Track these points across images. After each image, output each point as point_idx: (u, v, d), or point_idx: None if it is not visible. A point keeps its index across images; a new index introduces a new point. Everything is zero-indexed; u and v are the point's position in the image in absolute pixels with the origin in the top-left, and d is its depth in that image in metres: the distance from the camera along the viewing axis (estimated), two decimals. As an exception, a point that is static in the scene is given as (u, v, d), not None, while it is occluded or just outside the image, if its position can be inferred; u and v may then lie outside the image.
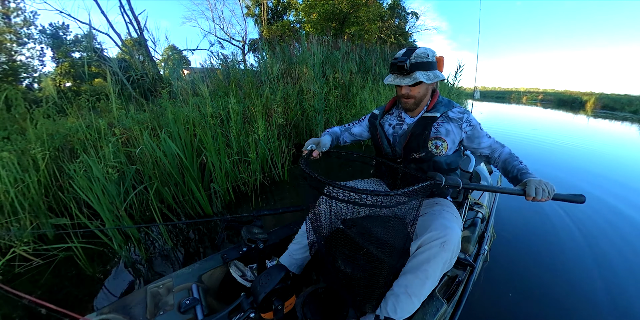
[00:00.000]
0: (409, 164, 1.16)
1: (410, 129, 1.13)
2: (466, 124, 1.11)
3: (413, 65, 1.02)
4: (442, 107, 1.13)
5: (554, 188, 0.89)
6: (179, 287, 1.03)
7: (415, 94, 1.09)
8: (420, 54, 1.03)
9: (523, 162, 1.07)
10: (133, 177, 2.24)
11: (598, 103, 18.60)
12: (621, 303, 1.53)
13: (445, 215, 1.01)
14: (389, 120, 1.24)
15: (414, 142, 1.11)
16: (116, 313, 0.91)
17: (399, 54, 1.06)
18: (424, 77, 1.03)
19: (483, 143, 1.14)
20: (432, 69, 1.06)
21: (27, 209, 1.90)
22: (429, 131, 1.09)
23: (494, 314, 1.44)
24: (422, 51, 1.04)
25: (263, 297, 0.75)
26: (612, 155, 4.98)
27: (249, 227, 1.06)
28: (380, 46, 7.50)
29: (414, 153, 1.12)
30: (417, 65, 1.03)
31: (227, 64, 4.84)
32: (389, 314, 0.89)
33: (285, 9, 12.77)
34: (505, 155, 1.13)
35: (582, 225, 2.36)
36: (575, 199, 0.92)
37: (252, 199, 2.70)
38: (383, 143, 1.21)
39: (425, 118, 1.11)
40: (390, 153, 1.21)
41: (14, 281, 1.63)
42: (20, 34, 12.54)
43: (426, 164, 1.13)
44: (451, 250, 0.91)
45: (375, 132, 1.24)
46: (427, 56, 1.04)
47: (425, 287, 0.91)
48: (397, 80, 1.05)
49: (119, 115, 2.91)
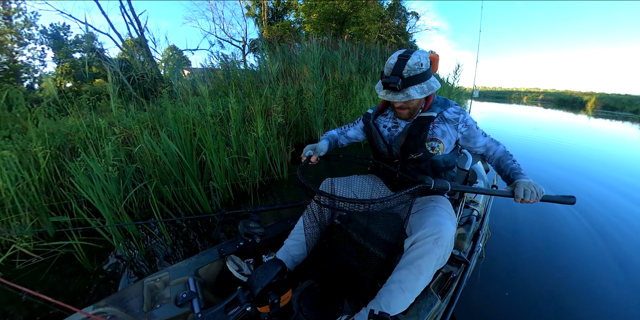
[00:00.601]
0: (406, 164, 1.16)
1: (407, 130, 1.12)
2: (462, 124, 1.10)
3: (406, 81, 0.97)
4: (438, 107, 1.10)
5: (543, 190, 0.91)
6: (175, 280, 1.04)
7: (409, 106, 1.07)
8: (413, 65, 0.96)
9: (517, 161, 1.08)
10: (133, 176, 2.26)
11: (599, 103, 18.59)
12: (615, 296, 1.55)
13: (439, 212, 1.02)
14: (384, 122, 1.22)
15: (411, 143, 1.10)
16: (113, 306, 0.92)
17: (389, 66, 0.99)
18: (418, 92, 0.99)
19: (478, 142, 1.14)
20: (426, 79, 1.01)
21: (28, 206, 1.92)
22: (425, 132, 1.08)
23: (487, 310, 1.45)
24: (415, 61, 0.96)
25: (259, 291, 0.75)
26: (611, 155, 4.99)
27: (246, 221, 1.06)
28: (380, 46, 7.51)
29: (411, 154, 1.12)
30: (411, 80, 0.97)
31: (227, 64, 4.85)
32: (383, 309, 0.90)
33: (285, 9, 12.80)
34: (500, 153, 1.13)
35: (577, 222, 2.38)
36: (565, 200, 0.93)
37: (251, 198, 2.72)
38: (379, 143, 1.20)
39: (421, 118, 1.09)
40: (387, 153, 1.21)
41: (15, 277, 1.64)
42: (21, 35, 12.58)
43: (424, 164, 1.13)
44: (444, 247, 0.92)
45: (370, 132, 1.23)
46: (421, 66, 0.97)
47: (419, 282, 0.92)
48: (390, 96, 1.02)
49: (120, 114, 2.93)
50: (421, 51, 1.01)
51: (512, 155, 1.11)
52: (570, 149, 5.26)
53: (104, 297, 1.50)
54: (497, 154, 1.14)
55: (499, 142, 1.16)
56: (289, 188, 2.98)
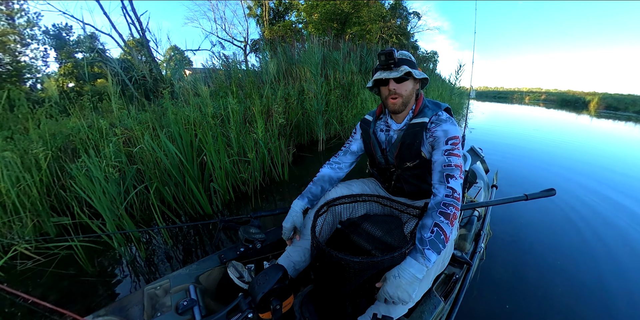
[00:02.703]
0: (404, 172, 1.15)
1: (401, 138, 1.10)
2: (429, 134, 1.04)
3: (399, 61, 1.04)
4: (429, 111, 1.09)
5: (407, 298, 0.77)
6: (176, 288, 1.02)
7: (402, 92, 1.05)
8: (403, 53, 1.07)
9: (435, 231, 0.83)
10: (133, 177, 2.26)
11: (601, 103, 18.49)
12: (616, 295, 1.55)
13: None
14: (380, 126, 1.22)
15: (406, 151, 1.09)
16: (113, 315, 0.90)
17: (381, 58, 1.05)
18: (412, 70, 1.04)
19: (433, 159, 1.00)
20: (415, 68, 1.08)
21: (29, 207, 1.92)
22: (420, 140, 1.07)
23: (491, 311, 1.44)
24: (403, 53, 1.07)
25: (261, 297, 0.74)
26: (610, 154, 4.96)
27: (246, 227, 1.05)
28: (382, 46, 7.50)
29: (407, 162, 1.11)
30: (403, 61, 1.05)
31: (229, 65, 4.85)
32: (383, 313, 0.89)
33: (286, 9, 12.81)
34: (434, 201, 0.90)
35: (579, 221, 2.37)
36: (546, 194, 1.09)
37: (252, 199, 2.71)
38: (376, 153, 1.20)
39: (414, 125, 1.08)
40: (383, 163, 1.20)
41: (16, 279, 1.64)
42: (24, 35, 12.63)
43: (421, 170, 1.12)
44: (443, 251, 0.91)
45: (369, 141, 1.22)
46: (410, 56, 1.08)
47: (419, 287, 0.91)
48: (385, 74, 1.04)
49: (121, 115, 2.93)
50: (407, 52, 1.11)
51: (442, 214, 0.84)
52: (571, 149, 5.23)
53: (103, 299, 1.51)
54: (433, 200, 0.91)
55: (455, 179, 0.91)
56: (290, 189, 2.98)
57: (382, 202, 1.18)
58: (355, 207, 1.22)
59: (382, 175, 1.26)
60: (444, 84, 7.94)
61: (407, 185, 1.19)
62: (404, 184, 1.19)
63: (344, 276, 0.86)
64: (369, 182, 1.33)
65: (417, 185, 1.18)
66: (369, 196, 1.19)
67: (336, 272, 0.87)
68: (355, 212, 1.22)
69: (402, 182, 1.19)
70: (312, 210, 1.19)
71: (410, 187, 1.19)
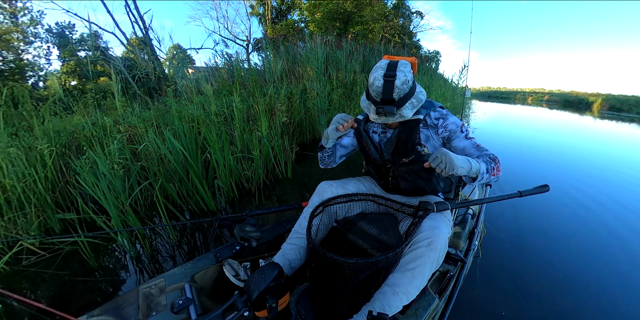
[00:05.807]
0: (399, 168, 1.16)
1: (396, 135, 1.11)
2: (442, 129, 1.08)
3: (398, 104, 0.96)
4: (423, 109, 1.09)
5: (454, 168, 0.84)
6: (171, 287, 1.01)
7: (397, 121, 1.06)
8: (401, 85, 0.93)
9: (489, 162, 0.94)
10: (138, 173, 2.26)
11: (605, 104, 18.35)
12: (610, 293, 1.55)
13: (434, 216, 1.00)
14: (373, 128, 1.21)
15: (402, 147, 1.10)
16: (108, 315, 0.89)
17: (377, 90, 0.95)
18: (410, 109, 0.99)
19: (456, 144, 1.06)
20: (414, 93, 1.00)
21: (34, 203, 1.93)
22: (415, 136, 1.08)
23: (484, 308, 1.45)
24: (403, 80, 0.93)
25: (257, 296, 0.74)
26: (611, 154, 4.95)
27: (242, 225, 1.05)
28: (384, 46, 7.48)
29: (403, 158, 1.12)
30: (402, 100, 0.96)
31: (232, 63, 4.85)
32: (379, 310, 0.90)
33: (289, 8, 12.79)
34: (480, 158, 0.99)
35: (574, 219, 2.39)
36: (540, 191, 1.11)
37: (256, 196, 2.72)
38: (370, 149, 1.20)
39: (409, 122, 1.08)
40: (378, 159, 1.20)
41: (21, 274, 1.65)
42: (27, 33, 12.67)
43: (417, 166, 1.12)
44: (438, 250, 0.91)
45: (361, 139, 1.22)
46: (408, 82, 0.95)
47: (412, 285, 0.91)
48: (383, 119, 0.99)
49: (125, 113, 2.94)
50: (404, 64, 0.96)
51: (493, 160, 0.96)
52: (573, 150, 5.21)
53: (107, 296, 1.51)
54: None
55: (486, 149, 1.02)
56: (293, 187, 2.98)
57: (377, 200, 1.19)
58: (351, 206, 1.22)
59: (378, 172, 1.26)
60: (447, 84, 7.93)
61: (404, 181, 1.19)
62: (400, 180, 1.20)
63: (339, 276, 0.86)
64: (364, 181, 1.33)
65: (413, 182, 1.18)
66: (365, 195, 1.19)
67: (332, 272, 0.87)
68: (351, 211, 1.23)
69: (398, 178, 1.19)
70: (307, 210, 1.20)
71: (407, 184, 1.19)
